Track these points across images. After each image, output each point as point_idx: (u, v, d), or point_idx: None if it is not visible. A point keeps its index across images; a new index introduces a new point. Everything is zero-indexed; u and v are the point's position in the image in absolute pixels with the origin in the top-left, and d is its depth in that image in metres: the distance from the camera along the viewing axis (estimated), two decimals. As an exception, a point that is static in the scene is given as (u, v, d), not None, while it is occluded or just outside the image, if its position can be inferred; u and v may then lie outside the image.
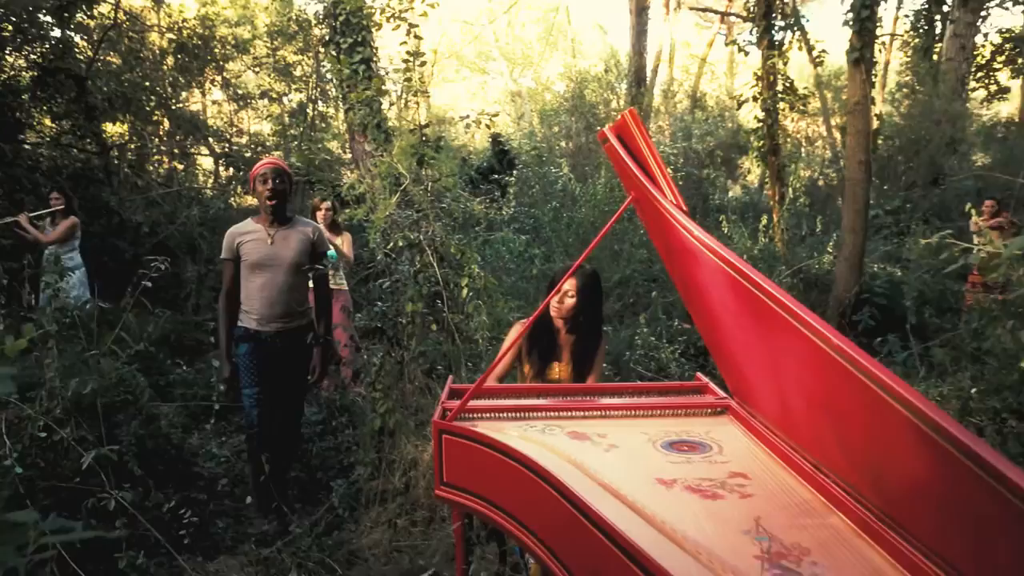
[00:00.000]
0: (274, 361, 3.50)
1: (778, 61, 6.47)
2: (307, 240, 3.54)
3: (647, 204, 2.01)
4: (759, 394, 2.04)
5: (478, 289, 3.82)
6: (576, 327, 3.03)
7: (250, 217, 3.60)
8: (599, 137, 2.19)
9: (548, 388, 2.62)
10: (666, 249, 2.10)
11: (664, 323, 5.29)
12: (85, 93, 8.79)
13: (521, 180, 10.61)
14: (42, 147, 8.94)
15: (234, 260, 3.49)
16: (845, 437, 1.49)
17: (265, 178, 3.43)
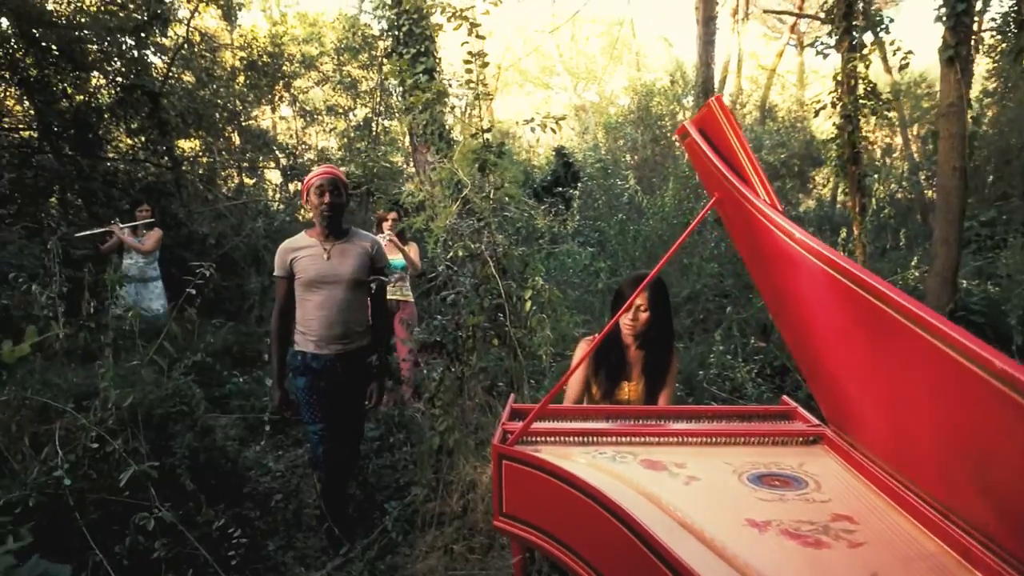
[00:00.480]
0: (335, 389, 3.27)
1: (859, 64, 6.09)
2: (366, 255, 3.29)
3: (734, 205, 1.77)
4: (866, 422, 1.77)
5: (542, 303, 3.61)
6: (647, 342, 2.81)
7: (304, 231, 3.34)
8: (678, 132, 1.97)
9: (618, 411, 2.39)
10: (755, 255, 1.86)
11: (738, 340, 4.98)
12: (159, 109, 9.00)
13: (586, 193, 10.40)
14: (118, 162, 9.18)
15: (288, 278, 3.25)
16: (993, 480, 1.22)
17: (322, 190, 3.16)
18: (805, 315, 1.69)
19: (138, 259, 6.12)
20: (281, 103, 13.80)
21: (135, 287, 6.18)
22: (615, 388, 2.83)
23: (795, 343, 1.98)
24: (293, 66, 12.76)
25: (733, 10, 19.88)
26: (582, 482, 1.71)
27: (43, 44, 8.09)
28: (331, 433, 3.29)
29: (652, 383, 2.84)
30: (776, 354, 5.18)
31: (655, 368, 2.83)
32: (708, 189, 1.97)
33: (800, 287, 1.61)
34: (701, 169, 1.95)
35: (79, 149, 8.50)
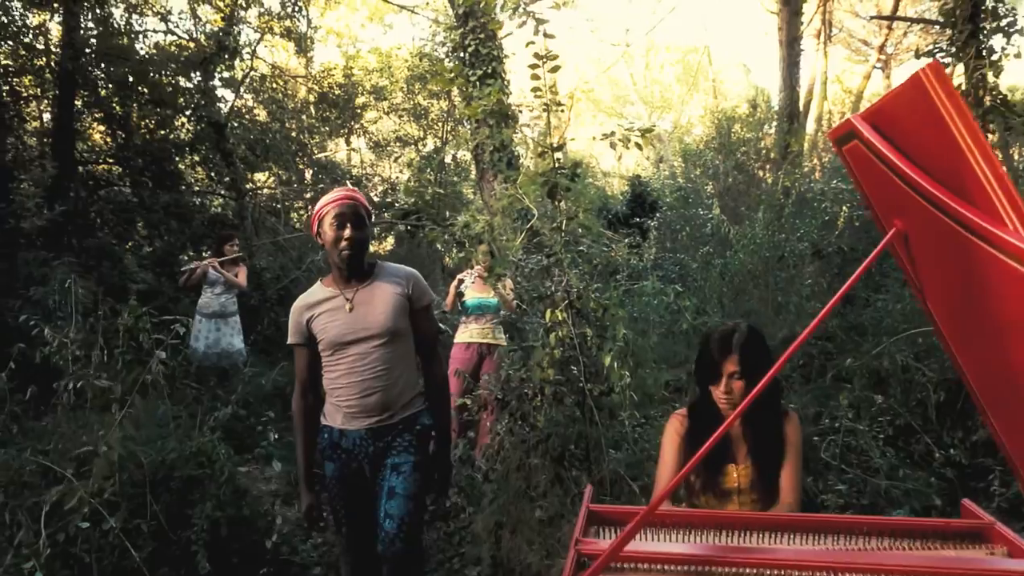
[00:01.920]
0: (372, 474, 2.53)
1: (989, 71, 5.29)
2: (401, 296, 2.51)
3: (943, 240, 1.13)
4: None
5: (623, 355, 2.99)
6: (749, 414, 2.17)
7: (319, 281, 2.60)
8: (836, 133, 1.34)
9: (734, 518, 1.74)
10: (974, 315, 1.20)
11: (855, 394, 4.22)
12: (224, 140, 8.86)
13: (664, 224, 9.72)
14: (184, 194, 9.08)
15: (306, 344, 2.53)
16: None
17: (341, 220, 2.39)
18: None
19: (219, 295, 5.81)
20: (354, 136, 13.72)
21: (215, 323, 5.88)
22: (718, 475, 2.19)
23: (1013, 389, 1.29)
24: (364, 97, 12.64)
25: (817, 31, 19.01)
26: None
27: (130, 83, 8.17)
28: (364, 542, 2.54)
29: (765, 463, 2.20)
30: (898, 411, 4.38)
31: (766, 442, 2.19)
32: (883, 216, 1.33)
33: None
34: (875, 188, 1.32)
35: (156, 182, 8.51)
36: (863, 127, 1.24)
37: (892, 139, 1.20)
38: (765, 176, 12.12)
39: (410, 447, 2.54)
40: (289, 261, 8.21)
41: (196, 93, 8.83)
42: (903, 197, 1.19)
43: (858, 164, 1.30)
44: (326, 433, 2.56)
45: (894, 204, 1.26)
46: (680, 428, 2.24)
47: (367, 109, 12.91)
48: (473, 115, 3.93)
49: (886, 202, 1.29)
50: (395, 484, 2.48)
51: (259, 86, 11.29)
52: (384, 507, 2.46)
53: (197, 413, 3.89)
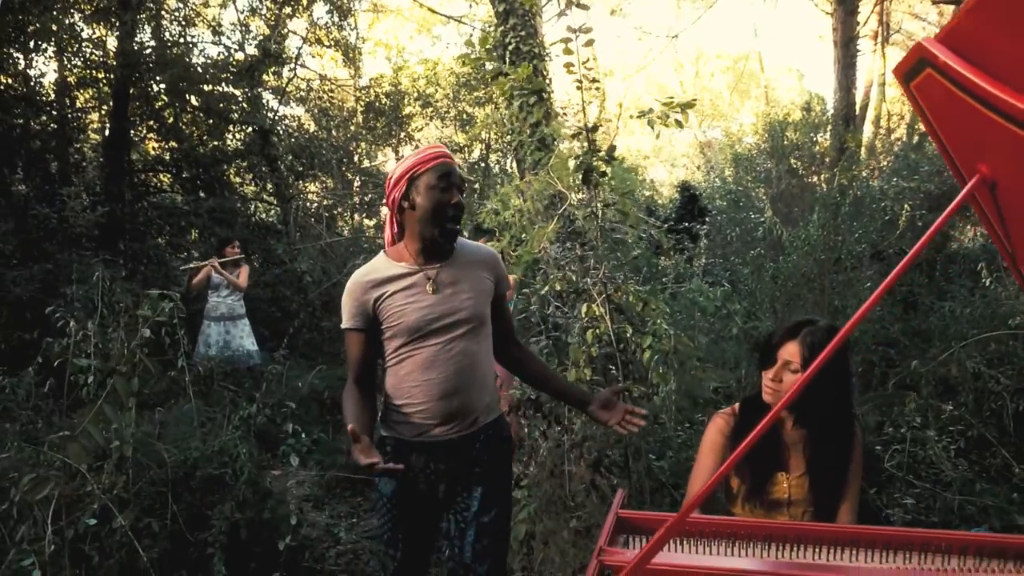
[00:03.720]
0: (444, 498, 2.11)
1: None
2: (487, 279, 2.13)
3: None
4: None
5: (666, 353, 2.76)
6: (808, 418, 1.93)
7: (381, 253, 2.13)
8: (902, 67, 1.12)
9: (785, 530, 1.51)
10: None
11: (924, 402, 3.89)
12: (270, 147, 8.91)
13: (715, 229, 9.40)
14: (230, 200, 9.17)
15: (367, 330, 2.03)
16: None
17: (448, 181, 1.98)
18: None
19: (226, 297, 5.77)
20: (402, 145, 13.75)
21: (224, 325, 5.85)
22: (766, 482, 1.95)
23: None
24: (411, 106, 12.66)
25: (873, 32, 18.43)
26: None
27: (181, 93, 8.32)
28: (417, 570, 2.16)
29: (822, 477, 1.95)
30: (970, 421, 4.03)
31: (825, 455, 1.94)
32: (964, 162, 1.11)
33: None
34: (952, 125, 1.09)
35: (205, 189, 8.63)
36: (937, 50, 1.02)
37: (974, 60, 0.98)
38: (820, 181, 11.69)
39: (498, 466, 2.16)
40: (332, 265, 8.17)
41: (243, 101, 8.91)
42: (990, 130, 0.96)
43: (931, 100, 1.08)
44: (388, 446, 2.08)
45: (978, 144, 1.03)
46: (725, 427, 2.01)
47: (413, 118, 12.90)
48: (502, 91, 3.73)
49: (968, 143, 1.07)
50: (487, 519, 2.08)
51: (306, 95, 11.38)
52: (472, 544, 2.07)
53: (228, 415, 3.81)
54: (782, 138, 12.76)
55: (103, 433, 2.74)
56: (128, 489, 2.59)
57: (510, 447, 2.26)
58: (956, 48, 1.01)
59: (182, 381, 3.77)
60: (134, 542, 2.42)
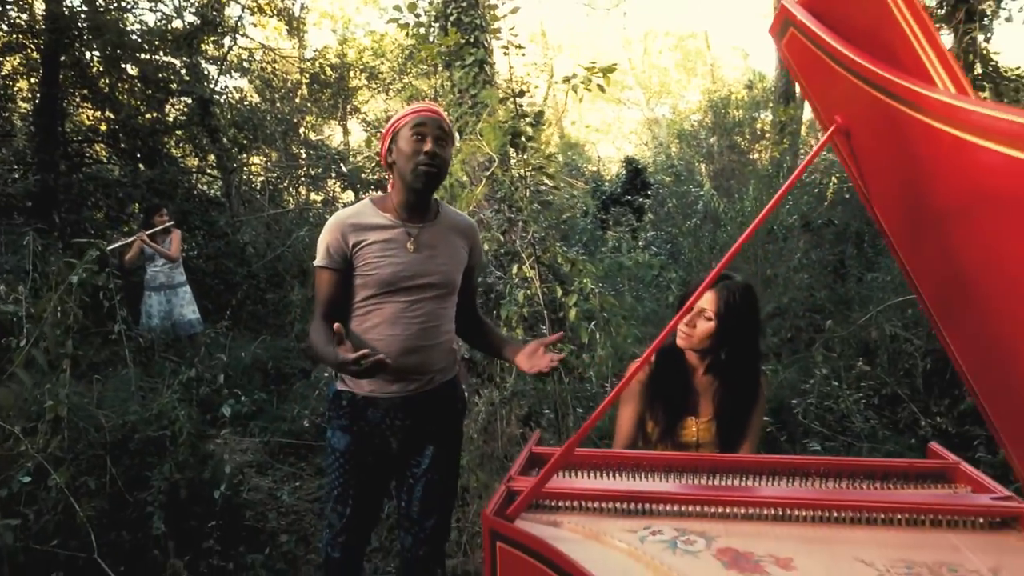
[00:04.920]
0: (394, 456, 2.12)
1: (979, 35, 5.15)
2: (463, 248, 2.14)
3: (889, 126, 1.03)
4: None
5: (592, 311, 2.88)
6: (719, 366, 2.06)
7: (367, 199, 2.11)
8: (773, 27, 1.23)
9: (684, 460, 1.64)
10: (919, 211, 1.10)
11: (838, 362, 4.12)
12: (210, 117, 8.75)
13: (657, 202, 9.61)
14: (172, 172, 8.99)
15: (341, 271, 1.99)
16: None
17: (422, 131, 1.96)
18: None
19: (163, 266, 5.70)
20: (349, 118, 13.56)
21: (165, 295, 5.78)
22: (677, 425, 2.08)
23: (987, 353, 1.19)
24: (357, 78, 12.51)
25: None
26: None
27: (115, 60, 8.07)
28: (367, 524, 2.17)
29: (728, 422, 2.08)
30: (885, 380, 4.29)
31: (731, 401, 2.07)
32: (824, 113, 1.23)
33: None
34: (813, 80, 1.21)
35: (144, 161, 8.42)
36: (797, 11, 1.13)
37: (827, 22, 1.10)
38: (760, 157, 12.00)
39: (451, 426, 2.22)
40: (276, 238, 8.11)
41: (182, 70, 8.70)
42: (841, 85, 1.08)
43: (797, 56, 1.20)
44: (344, 400, 2.07)
45: (834, 96, 1.15)
46: (641, 374, 2.13)
47: (360, 91, 12.76)
48: (430, 55, 3.78)
49: (826, 96, 1.19)
50: (436, 476, 2.14)
51: (248, 66, 11.16)
52: (420, 500, 2.13)
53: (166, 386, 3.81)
54: (725, 115, 13.04)
55: (35, 391, 2.74)
56: (63, 448, 2.60)
57: (463, 408, 2.32)
58: (814, 11, 1.13)
59: (121, 351, 3.76)
60: (70, 499, 2.45)
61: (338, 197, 12.24)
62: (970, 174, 0.85)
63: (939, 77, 0.90)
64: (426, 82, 12.56)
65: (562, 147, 18.05)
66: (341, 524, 2.11)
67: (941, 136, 0.86)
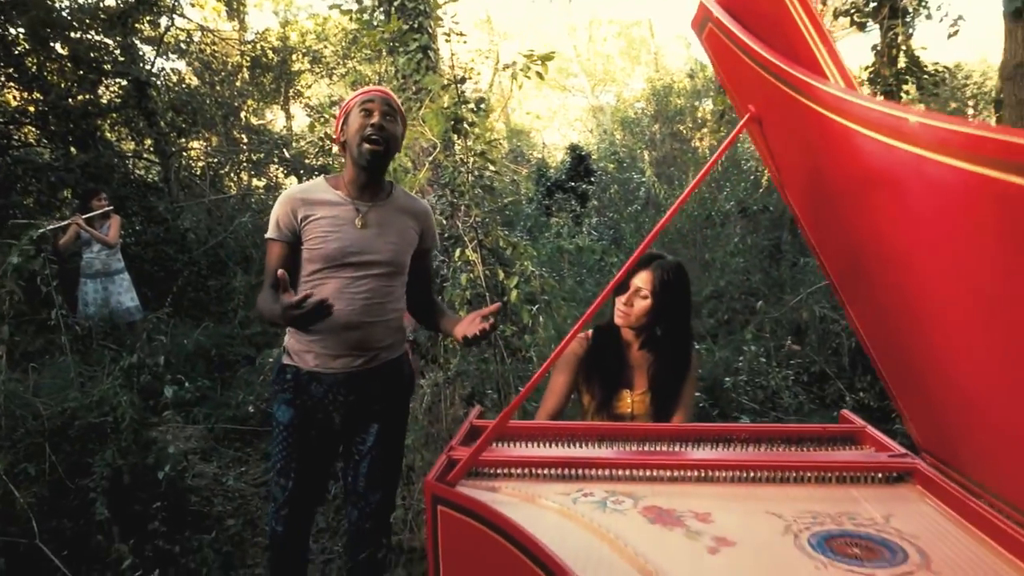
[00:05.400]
0: (336, 431, 2.15)
1: (902, 31, 5.40)
2: (414, 230, 2.17)
3: (786, 114, 1.13)
4: (1015, 449, 1.11)
5: (534, 294, 2.97)
6: (654, 342, 2.17)
7: (322, 177, 2.16)
8: (694, 21, 1.32)
9: (614, 429, 1.74)
10: (820, 192, 1.20)
11: (769, 343, 4.31)
12: (146, 100, 8.52)
13: (600, 188, 9.77)
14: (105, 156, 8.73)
15: (290, 243, 2.04)
16: None
17: (369, 107, 2.02)
18: (907, 273, 1.03)
19: (100, 252, 5.56)
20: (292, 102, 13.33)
21: (101, 282, 5.64)
22: (613, 398, 2.19)
23: (881, 322, 1.31)
24: (300, 62, 12.30)
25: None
26: (540, 550, 1.07)
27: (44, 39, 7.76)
28: (310, 499, 2.19)
29: (661, 397, 2.19)
30: (814, 359, 4.50)
31: (665, 375, 2.18)
32: (739, 103, 1.33)
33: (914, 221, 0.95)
34: (729, 72, 1.31)
35: (76, 145, 8.14)
36: (715, 9, 1.23)
37: (739, 19, 1.19)
38: (701, 144, 12.26)
39: (396, 404, 2.25)
40: (217, 224, 7.98)
41: (116, 51, 8.44)
42: (752, 77, 1.18)
43: (715, 50, 1.29)
44: (289, 375, 2.11)
45: (747, 87, 1.25)
46: (579, 349, 2.22)
47: (302, 75, 12.56)
48: (373, 43, 3.80)
49: (741, 87, 1.29)
50: (381, 453, 2.19)
51: (186, 48, 10.87)
52: (365, 475, 2.18)
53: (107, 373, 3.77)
54: (667, 103, 13.27)
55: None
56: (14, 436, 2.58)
57: (410, 386, 2.35)
58: (728, 9, 1.22)
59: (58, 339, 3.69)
60: (9, 486, 2.43)
61: (281, 183, 12.05)
62: (856, 159, 0.95)
63: (831, 72, 1.00)
64: (370, 67, 12.45)
65: (507, 134, 18.12)
66: (284, 497, 2.13)
67: (832, 125, 0.96)
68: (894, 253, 1.00)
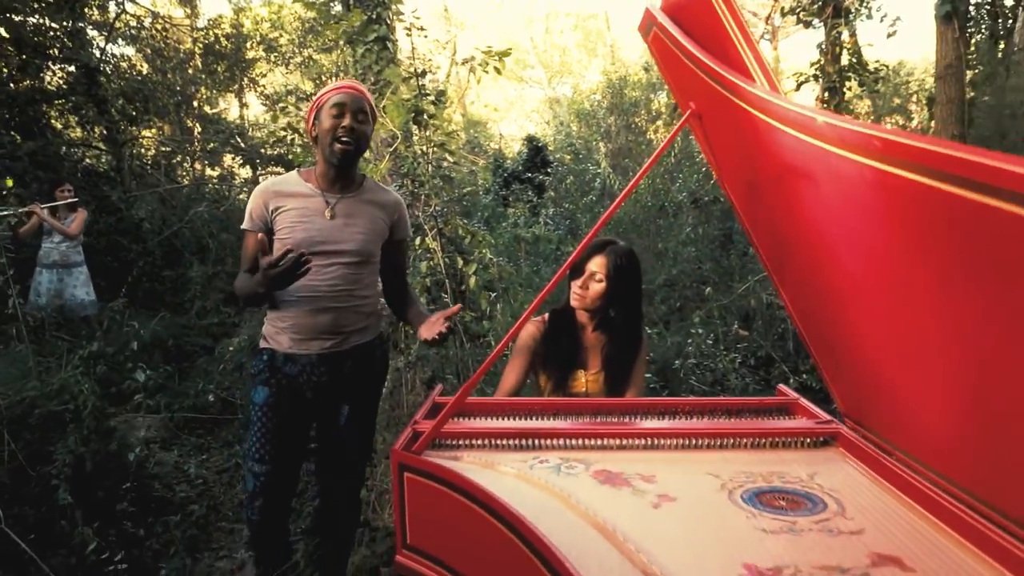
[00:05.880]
0: (310, 411, 2.24)
1: (844, 29, 5.63)
2: (384, 221, 2.24)
3: (721, 112, 1.25)
4: (916, 411, 1.26)
5: (492, 281, 3.07)
6: (607, 324, 2.29)
7: (295, 170, 2.27)
8: (641, 25, 1.44)
9: (568, 404, 1.86)
10: (753, 183, 1.34)
11: (719, 328, 4.49)
12: (96, 86, 8.35)
13: (556, 179, 9.91)
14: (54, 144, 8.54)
15: (262, 232, 2.17)
16: None
17: (341, 108, 2.08)
18: (825, 254, 1.17)
19: (59, 243, 5.50)
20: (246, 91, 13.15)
21: (57, 273, 5.58)
22: (568, 378, 2.31)
23: (806, 306, 1.45)
24: (254, 50, 12.14)
25: None
26: (504, 510, 1.18)
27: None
28: (285, 483, 2.24)
29: (614, 376, 2.31)
30: (760, 343, 4.71)
31: (617, 355, 2.31)
32: (681, 101, 1.45)
33: (824, 210, 1.08)
34: (672, 72, 1.43)
35: (22, 133, 7.94)
36: (658, 15, 1.34)
37: (680, 24, 1.31)
38: (656, 137, 12.47)
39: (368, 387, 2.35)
40: (171, 213, 7.89)
41: (63, 35, 8.26)
42: (691, 77, 1.30)
43: (658, 51, 1.41)
44: (265, 356, 2.21)
45: (687, 87, 1.37)
46: (536, 332, 2.33)
47: (257, 63, 12.40)
48: (335, 36, 3.85)
49: (681, 86, 1.41)
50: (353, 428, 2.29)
51: (137, 34, 10.66)
52: (338, 456, 2.29)
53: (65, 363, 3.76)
54: (622, 96, 13.45)
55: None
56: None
57: (383, 370, 2.45)
58: (670, 14, 1.34)
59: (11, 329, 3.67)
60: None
61: (236, 173, 11.91)
62: (778, 153, 1.07)
63: (757, 75, 1.12)
64: (327, 57, 12.35)
65: (465, 125, 18.14)
66: (258, 486, 2.19)
67: (758, 122, 1.08)
68: (811, 236, 1.14)
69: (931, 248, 0.84)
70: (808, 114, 0.94)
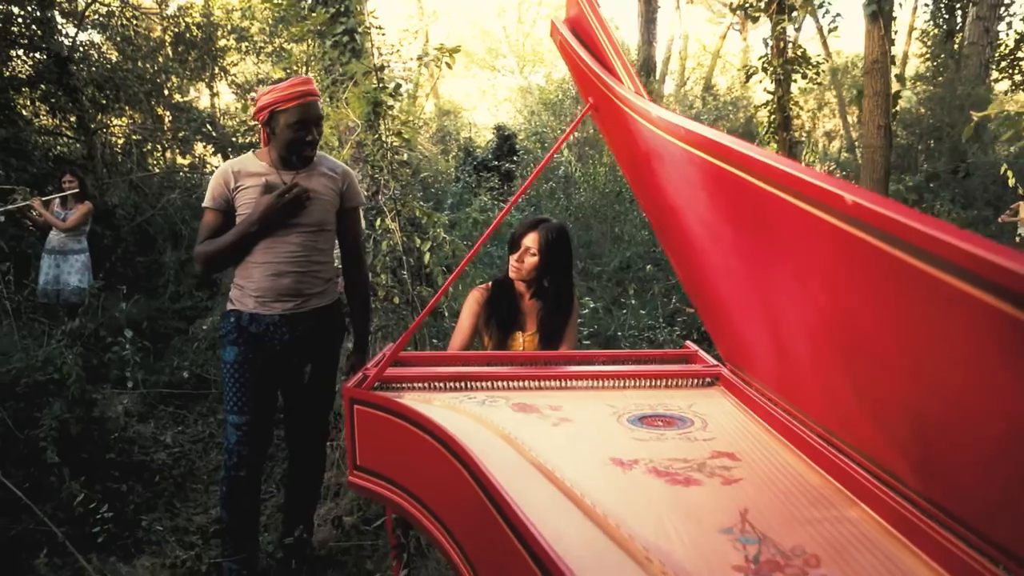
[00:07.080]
0: (277, 367, 2.47)
1: (788, 25, 5.97)
2: (334, 191, 2.47)
3: (608, 107, 1.55)
4: (756, 349, 1.58)
5: (447, 257, 3.36)
6: (542, 292, 2.59)
7: (252, 152, 2.49)
8: (550, 33, 1.73)
9: (502, 356, 2.16)
10: (633, 166, 1.64)
11: (663, 304, 4.82)
12: (67, 75, 8.45)
13: (523, 166, 10.19)
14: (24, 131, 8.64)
15: (224, 211, 2.38)
16: (873, 384, 1.03)
17: (306, 124, 2.32)
18: (684, 224, 1.48)
19: (60, 231, 5.73)
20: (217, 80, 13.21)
21: (55, 259, 5.79)
22: (508, 339, 2.60)
23: (682, 266, 1.77)
24: (225, 39, 12.22)
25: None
26: (432, 424, 1.48)
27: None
28: (259, 430, 2.47)
29: (548, 337, 2.62)
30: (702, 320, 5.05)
31: (551, 319, 2.61)
32: (583, 94, 1.74)
33: (674, 186, 1.39)
34: (575, 72, 1.72)
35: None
36: (561, 27, 1.64)
37: (577, 35, 1.61)
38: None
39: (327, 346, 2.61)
40: (143, 201, 8.05)
41: (30, 23, 8.34)
42: (586, 78, 1.59)
43: (565, 55, 1.71)
44: (232, 318, 2.43)
45: (585, 85, 1.67)
46: (481, 297, 2.63)
47: (228, 52, 12.48)
48: (300, 34, 4.09)
49: (581, 83, 1.71)
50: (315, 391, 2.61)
51: (107, 21, 10.72)
52: (305, 403, 2.60)
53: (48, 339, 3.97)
54: (589, 85, 13.73)
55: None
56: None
57: (341, 330, 2.70)
58: (570, 27, 1.63)
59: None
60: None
61: (208, 161, 12.02)
62: (642, 141, 1.37)
63: (625, 78, 1.42)
64: (298, 47, 12.46)
65: (436, 113, 18.32)
66: (238, 437, 2.42)
67: (626, 115, 1.38)
68: (672, 206, 1.44)
69: (727, 213, 1.15)
70: (650, 108, 1.24)
